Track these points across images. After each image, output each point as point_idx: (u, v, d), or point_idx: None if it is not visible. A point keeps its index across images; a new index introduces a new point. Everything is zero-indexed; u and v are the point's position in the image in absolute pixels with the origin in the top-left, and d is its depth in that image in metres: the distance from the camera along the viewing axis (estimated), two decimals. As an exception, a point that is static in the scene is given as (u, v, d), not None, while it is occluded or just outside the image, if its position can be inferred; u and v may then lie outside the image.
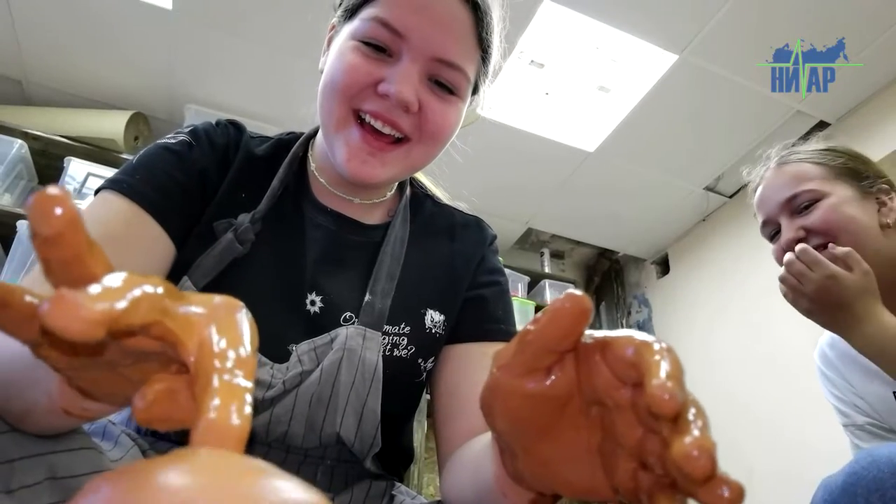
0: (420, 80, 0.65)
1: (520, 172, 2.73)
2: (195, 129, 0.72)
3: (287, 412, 0.61)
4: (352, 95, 0.65)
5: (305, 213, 0.73)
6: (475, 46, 0.68)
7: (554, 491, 0.37)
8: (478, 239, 0.81)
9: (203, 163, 0.69)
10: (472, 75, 0.69)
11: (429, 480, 2.45)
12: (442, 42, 0.64)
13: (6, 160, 2.15)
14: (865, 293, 0.90)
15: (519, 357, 0.33)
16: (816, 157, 1.06)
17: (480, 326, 0.75)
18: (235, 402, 0.23)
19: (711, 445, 0.27)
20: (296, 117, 0.81)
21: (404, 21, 0.63)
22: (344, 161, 0.65)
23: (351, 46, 0.65)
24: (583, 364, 0.33)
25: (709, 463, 0.26)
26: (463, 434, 0.65)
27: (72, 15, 2.18)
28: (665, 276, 3.27)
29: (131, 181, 0.63)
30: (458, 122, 0.70)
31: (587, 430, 0.35)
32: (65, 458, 0.44)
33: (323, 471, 0.65)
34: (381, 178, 0.67)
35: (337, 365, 0.63)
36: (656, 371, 0.28)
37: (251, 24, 2.18)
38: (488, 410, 0.36)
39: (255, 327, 0.27)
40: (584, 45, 2.17)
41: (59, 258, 0.23)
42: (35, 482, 0.41)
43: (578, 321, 0.31)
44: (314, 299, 0.68)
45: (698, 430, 0.27)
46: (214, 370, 0.24)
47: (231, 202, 0.69)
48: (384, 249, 0.73)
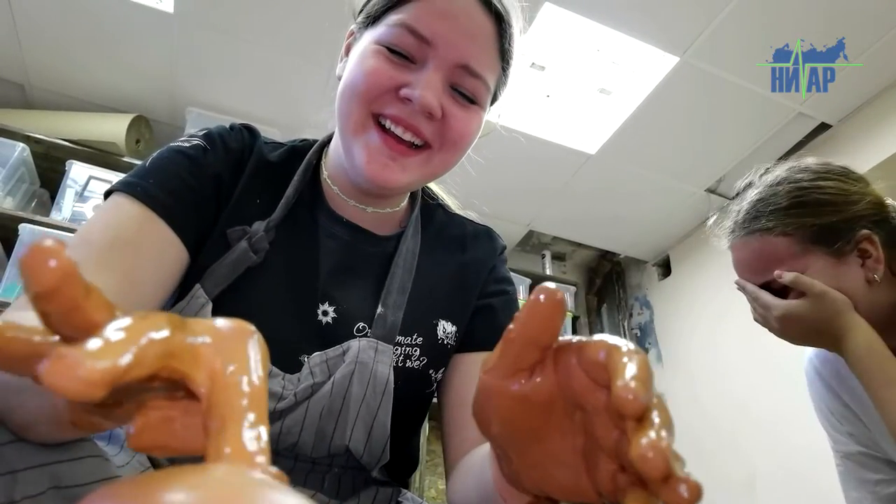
0: (443, 87, 0.64)
1: (521, 175, 2.73)
2: (209, 132, 0.71)
3: (297, 424, 0.61)
4: (372, 99, 0.64)
5: (320, 222, 0.72)
6: (497, 57, 0.68)
7: (545, 493, 0.38)
8: (488, 249, 0.81)
9: (217, 168, 0.68)
10: (492, 85, 0.69)
11: (430, 483, 2.45)
12: (467, 50, 0.64)
13: (8, 163, 2.15)
14: (831, 314, 0.88)
15: (503, 358, 0.34)
16: (784, 225, 0.94)
17: (489, 335, 0.75)
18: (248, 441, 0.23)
19: (666, 446, 0.27)
20: (297, 120, 0.81)
21: (431, 27, 0.63)
22: (364, 164, 0.64)
23: (374, 50, 0.64)
24: (561, 368, 0.34)
25: (662, 463, 0.27)
26: (471, 442, 0.65)
27: (74, 19, 2.18)
28: (666, 278, 3.27)
29: (145, 185, 0.62)
30: (478, 131, 0.70)
31: (571, 434, 0.36)
32: (69, 466, 0.43)
33: (330, 478, 0.65)
34: (400, 182, 0.66)
35: (349, 378, 0.63)
36: (622, 372, 0.29)
37: (252, 28, 2.18)
38: (480, 415, 0.37)
39: (267, 351, 0.26)
40: (585, 48, 2.17)
41: (56, 311, 0.23)
42: (38, 492, 0.40)
43: (554, 312, 0.32)
44: (326, 309, 0.67)
45: (655, 431, 0.28)
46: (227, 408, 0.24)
47: (245, 208, 0.68)
48: (396, 262, 0.72)
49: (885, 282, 0.92)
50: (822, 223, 0.92)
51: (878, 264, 0.91)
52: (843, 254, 0.92)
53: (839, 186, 0.95)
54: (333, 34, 0.74)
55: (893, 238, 0.94)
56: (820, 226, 0.92)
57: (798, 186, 0.96)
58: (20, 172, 2.23)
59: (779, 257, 0.94)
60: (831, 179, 0.96)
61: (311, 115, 0.77)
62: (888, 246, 0.93)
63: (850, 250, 0.92)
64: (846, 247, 0.92)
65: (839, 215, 0.93)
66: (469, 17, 0.64)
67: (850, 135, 2.39)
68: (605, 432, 0.33)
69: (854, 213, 0.93)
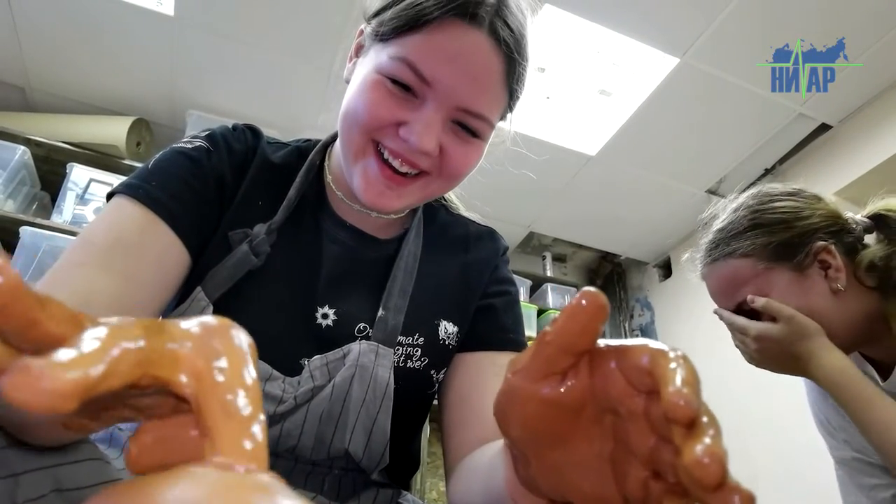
0: (443, 125, 0.63)
1: (521, 176, 2.72)
2: (212, 133, 0.71)
3: (297, 427, 0.61)
4: (372, 130, 0.63)
5: (323, 226, 0.72)
6: (503, 94, 0.65)
7: (566, 499, 0.37)
8: (491, 250, 0.81)
9: (220, 169, 0.68)
10: (496, 121, 0.67)
11: (431, 485, 2.44)
12: (469, 93, 0.62)
13: (9, 166, 2.15)
14: (800, 338, 0.90)
15: (536, 360, 0.33)
16: (744, 247, 0.98)
17: (490, 335, 0.75)
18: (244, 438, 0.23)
19: (723, 453, 0.27)
20: (297, 122, 0.81)
21: (433, 70, 0.60)
22: (361, 190, 0.64)
23: (375, 81, 0.62)
24: (597, 372, 0.33)
25: (719, 470, 0.26)
26: (472, 442, 0.65)
27: (74, 21, 2.19)
28: (667, 280, 3.27)
29: (147, 187, 0.62)
30: (479, 160, 0.69)
31: (600, 439, 0.35)
32: (70, 469, 0.43)
33: (330, 480, 0.65)
34: (396, 207, 0.66)
35: (349, 381, 0.63)
36: (673, 378, 0.28)
37: (252, 30, 2.19)
38: (502, 416, 0.36)
39: (253, 343, 0.26)
40: (585, 49, 2.17)
41: (10, 328, 0.21)
42: (40, 495, 0.40)
43: (596, 318, 0.31)
44: (327, 312, 0.67)
45: (710, 437, 0.27)
46: (217, 406, 0.23)
47: (248, 210, 0.68)
48: (398, 265, 0.72)
49: (854, 291, 0.94)
50: (777, 240, 0.96)
51: (839, 273, 0.93)
52: (804, 267, 0.95)
53: (790, 204, 0.99)
54: (333, 37, 0.73)
55: (853, 248, 0.96)
56: (777, 243, 0.96)
57: (753, 210, 1.00)
58: (21, 175, 2.23)
59: (744, 278, 0.98)
60: (783, 199, 1.00)
61: (310, 117, 0.77)
62: (848, 255, 0.96)
63: (811, 263, 0.95)
64: (805, 260, 0.95)
65: (793, 231, 0.96)
66: (476, 57, 0.61)
67: (850, 135, 2.39)
68: (641, 439, 0.32)
69: (807, 227, 0.96)
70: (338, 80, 2.30)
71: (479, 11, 0.60)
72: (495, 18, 0.62)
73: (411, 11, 0.61)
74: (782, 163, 2.62)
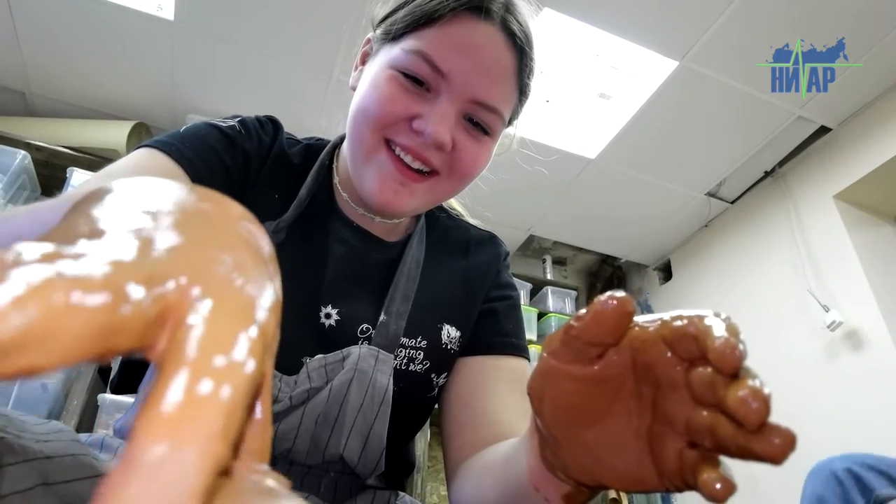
0: (456, 120, 0.63)
1: (521, 180, 2.73)
2: (244, 119, 0.72)
3: (292, 429, 0.61)
4: (385, 126, 0.63)
5: (330, 225, 0.72)
6: (514, 90, 0.67)
7: (598, 481, 0.36)
8: (492, 255, 0.82)
9: (250, 152, 0.69)
10: (507, 116, 0.68)
11: (432, 489, 2.44)
12: (483, 85, 0.63)
13: (9, 171, 2.15)
14: None
15: (566, 347, 0.34)
16: None
17: (492, 340, 0.75)
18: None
19: (767, 395, 0.28)
20: (297, 127, 0.81)
21: (448, 61, 0.61)
22: (376, 190, 0.64)
23: (388, 76, 0.63)
24: (637, 346, 0.33)
25: (762, 408, 0.27)
26: (474, 445, 0.65)
27: (75, 26, 2.19)
28: (667, 283, 3.27)
29: (180, 147, 0.62)
30: (489, 161, 0.70)
31: (637, 415, 0.34)
32: (57, 463, 0.43)
33: (326, 483, 0.64)
34: (408, 208, 0.66)
35: (346, 385, 0.62)
36: (717, 331, 0.29)
37: (252, 35, 2.19)
38: (538, 395, 0.36)
39: (272, 250, 0.20)
40: (584, 53, 2.18)
41: None
42: (27, 487, 0.40)
43: (620, 322, 0.32)
44: (329, 312, 0.67)
45: (754, 380, 0.28)
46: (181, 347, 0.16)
47: (262, 201, 0.68)
48: (400, 270, 0.72)
49: None
50: None
51: None
52: None
53: None
54: (333, 42, 0.74)
55: None
56: None
57: None
58: (21, 180, 2.23)
59: None
60: None
61: (310, 122, 0.77)
62: None
63: None
64: None
65: None
66: (489, 50, 0.63)
67: (849, 138, 2.39)
68: (680, 407, 0.32)
69: None
70: (338, 85, 2.30)
71: (491, 6, 0.63)
72: (506, 14, 0.64)
73: (426, 7, 0.62)
74: (782, 165, 2.62)
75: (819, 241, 2.40)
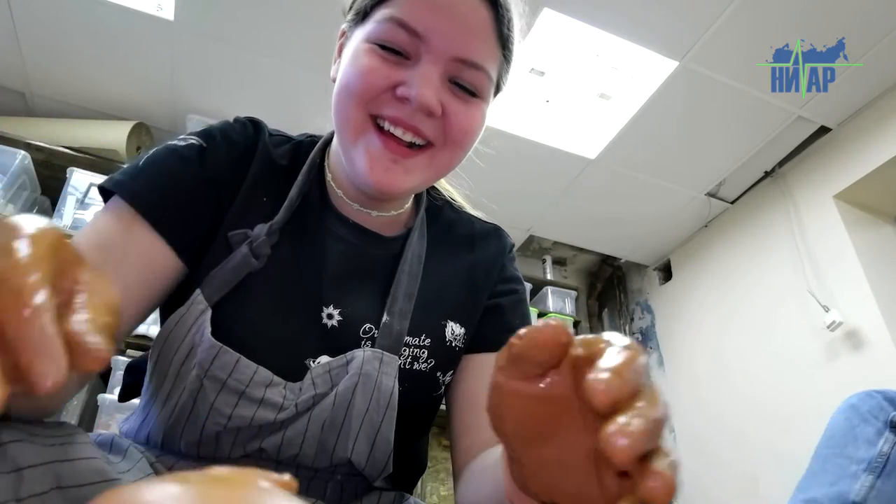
0: (441, 82, 0.61)
1: (521, 180, 2.73)
2: (209, 130, 0.69)
3: (299, 435, 0.60)
4: (369, 100, 0.61)
5: (326, 223, 0.70)
6: (496, 45, 0.64)
7: (553, 499, 0.36)
8: (497, 248, 0.80)
9: (217, 167, 0.66)
10: (494, 75, 0.65)
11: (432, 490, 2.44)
12: (463, 42, 0.61)
13: (9, 171, 2.15)
14: None
15: (511, 364, 0.34)
16: None
17: (498, 337, 0.73)
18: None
19: (636, 432, 0.26)
20: (297, 127, 0.80)
21: (423, 21, 0.59)
22: (366, 171, 0.62)
23: (365, 49, 0.61)
24: (577, 366, 0.33)
25: (629, 449, 0.26)
26: (481, 445, 0.64)
27: (75, 26, 2.19)
28: (668, 283, 3.27)
29: (133, 185, 0.61)
30: (483, 124, 0.67)
31: (585, 435, 0.34)
32: (71, 467, 0.43)
33: (333, 486, 0.64)
34: (405, 186, 0.64)
35: (352, 390, 0.61)
36: (598, 364, 0.29)
37: (252, 36, 2.19)
38: (493, 411, 0.36)
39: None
40: (584, 53, 2.18)
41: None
42: (43, 491, 0.40)
43: (554, 350, 0.32)
44: (332, 312, 0.66)
45: (628, 416, 0.27)
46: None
47: (251, 207, 0.66)
48: (402, 267, 0.70)
49: None
50: None
51: None
52: None
53: None
54: (333, 42, 0.73)
55: None
56: None
57: None
58: (21, 180, 2.23)
59: None
60: None
61: (310, 122, 0.76)
62: None
63: None
64: None
65: None
66: (462, 6, 0.61)
67: (849, 138, 2.39)
68: None
69: None
70: (338, 85, 2.30)
71: None
72: None
73: None
74: (781, 165, 2.63)
75: (819, 241, 2.40)
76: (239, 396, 0.58)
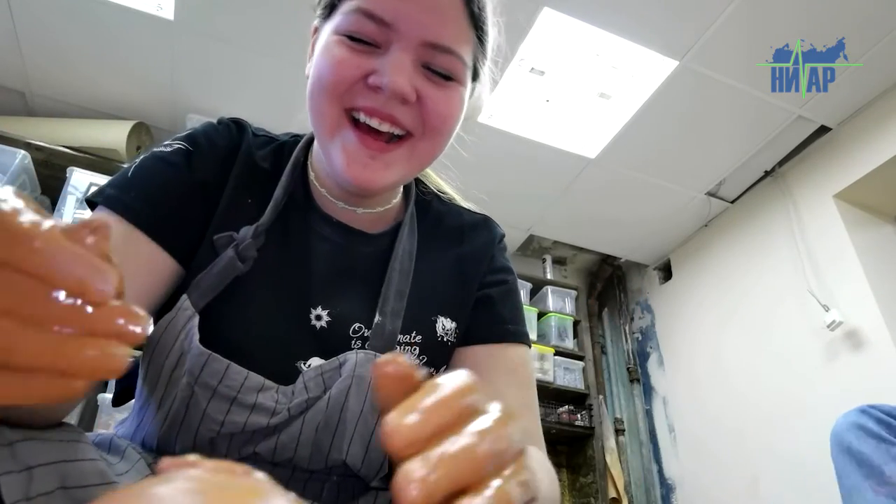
0: (414, 68, 0.60)
1: (521, 179, 2.73)
2: (193, 133, 0.69)
3: (293, 439, 0.60)
4: (342, 93, 0.60)
5: (311, 224, 0.70)
6: (468, 26, 0.62)
7: None
8: (487, 239, 0.79)
9: (203, 170, 0.66)
10: (468, 59, 0.63)
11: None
12: (432, 26, 0.59)
13: (9, 171, 2.16)
14: None
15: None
16: None
17: (489, 328, 0.72)
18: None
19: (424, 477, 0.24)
20: (298, 128, 0.80)
21: (389, 9, 0.58)
22: (344, 168, 0.60)
23: (335, 41, 0.60)
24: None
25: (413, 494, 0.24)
26: None
27: (75, 26, 2.19)
28: (667, 282, 3.27)
29: (125, 198, 0.61)
30: (462, 110, 0.66)
31: None
32: (75, 467, 0.44)
33: (329, 487, 0.64)
34: (386, 181, 0.62)
35: (345, 393, 0.61)
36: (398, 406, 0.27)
37: (252, 36, 2.19)
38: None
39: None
40: (584, 52, 2.18)
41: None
42: (49, 490, 0.41)
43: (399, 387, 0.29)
44: (320, 314, 0.65)
45: (421, 460, 0.25)
46: None
47: (236, 209, 0.66)
48: (392, 265, 0.69)
49: None
50: None
51: None
52: None
53: None
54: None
55: None
56: None
57: None
58: (21, 180, 2.23)
59: None
60: None
61: (301, 119, 0.75)
62: None
63: None
64: None
65: None
66: None
67: (849, 137, 2.39)
68: None
69: None
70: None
71: None
72: None
73: None
74: (782, 165, 2.63)
75: (819, 241, 2.40)
76: (231, 403, 0.58)
